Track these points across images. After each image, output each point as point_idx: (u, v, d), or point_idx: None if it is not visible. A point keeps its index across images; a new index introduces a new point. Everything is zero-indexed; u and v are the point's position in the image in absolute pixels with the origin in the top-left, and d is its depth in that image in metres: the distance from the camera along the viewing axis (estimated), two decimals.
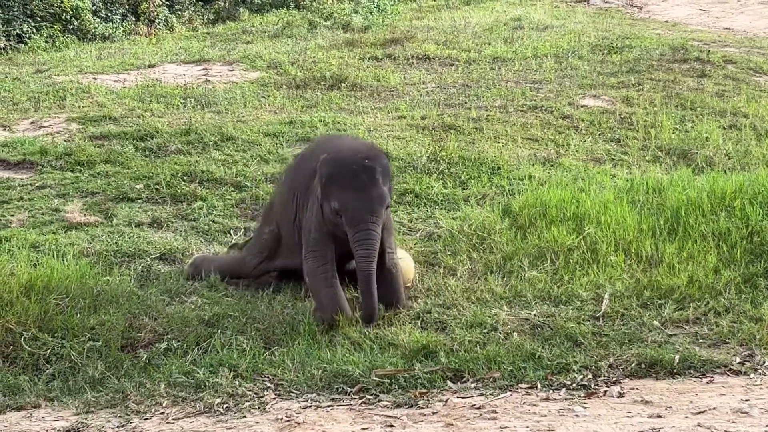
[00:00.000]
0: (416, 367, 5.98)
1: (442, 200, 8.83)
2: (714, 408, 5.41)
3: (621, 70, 13.13)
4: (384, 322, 6.56)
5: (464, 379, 5.93)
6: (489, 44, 14.76)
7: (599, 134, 10.72)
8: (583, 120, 11.06)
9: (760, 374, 5.93)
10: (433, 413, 5.48)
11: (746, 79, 13.12)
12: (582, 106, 11.57)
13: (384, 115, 11.04)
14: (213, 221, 8.48)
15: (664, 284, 6.94)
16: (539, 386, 5.80)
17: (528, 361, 6.05)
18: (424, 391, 5.77)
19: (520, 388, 5.80)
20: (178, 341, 6.46)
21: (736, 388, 5.74)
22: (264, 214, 7.66)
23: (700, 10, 21.27)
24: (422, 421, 5.38)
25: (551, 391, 5.74)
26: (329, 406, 5.67)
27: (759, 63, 14.10)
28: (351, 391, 5.82)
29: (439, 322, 6.63)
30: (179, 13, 19.26)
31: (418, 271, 7.33)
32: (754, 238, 7.50)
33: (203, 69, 13.42)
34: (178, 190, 8.94)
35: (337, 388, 5.85)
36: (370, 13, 17.98)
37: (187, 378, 5.97)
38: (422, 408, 5.56)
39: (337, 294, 6.67)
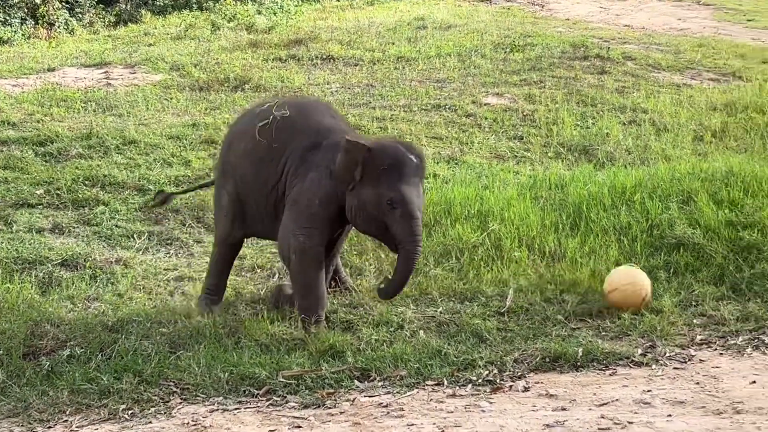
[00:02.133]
0: (323, 367, 5.98)
1: None
2: (617, 399, 5.50)
3: (523, 68, 13.25)
4: (291, 324, 6.53)
5: (371, 378, 5.94)
6: (393, 44, 14.79)
7: (502, 132, 10.82)
8: (486, 118, 11.15)
9: (661, 365, 6.05)
10: (341, 413, 5.49)
11: (645, 76, 13.33)
12: (485, 104, 11.66)
13: None
14: (116, 226, 8.36)
15: (567, 278, 7.04)
16: (446, 383, 5.83)
17: (434, 359, 6.09)
18: (331, 391, 5.77)
19: (427, 385, 5.83)
20: (82, 348, 6.35)
21: (638, 379, 5.84)
22: (220, 172, 7.08)
23: (601, 7, 21.58)
24: (330, 421, 5.38)
25: (458, 388, 5.78)
26: (236, 409, 5.63)
27: (657, 59, 14.33)
28: (258, 394, 5.80)
29: (346, 321, 6.63)
30: (80, 16, 18.95)
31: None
32: (653, 232, 7.65)
33: (104, 72, 13.21)
34: (80, 195, 8.80)
35: (244, 391, 5.82)
36: (274, 14, 17.91)
37: (91, 385, 5.88)
38: (329, 408, 5.56)
39: (324, 286, 6.61)
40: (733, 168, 8.70)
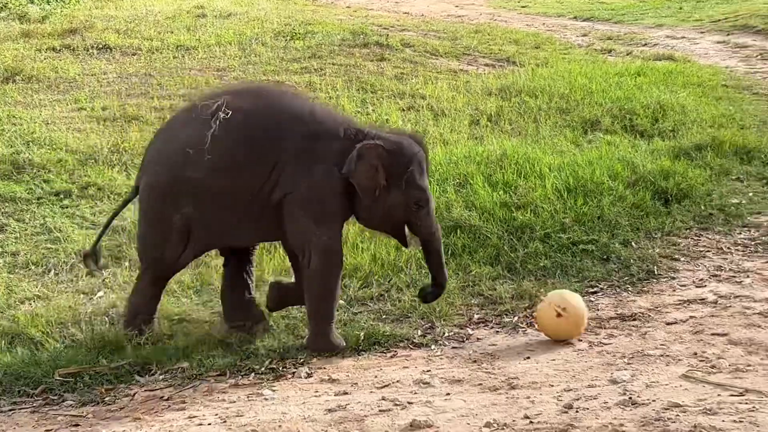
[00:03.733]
0: (102, 363, 5.84)
1: (127, 192, 8.62)
2: (398, 381, 5.60)
3: (304, 56, 13.28)
4: (70, 318, 6.36)
5: (152, 372, 5.85)
6: (172, 33, 14.56)
7: None
8: None
9: (440, 345, 6.18)
10: (120, 408, 5.39)
11: (423, 62, 13.57)
12: None
13: (63, 107, 10.68)
14: None
15: (349, 263, 7.08)
16: (228, 373, 5.79)
17: (217, 349, 6.04)
18: (110, 387, 5.65)
19: (209, 376, 5.78)
20: None
21: (418, 360, 5.96)
22: (164, 195, 6.02)
23: None
24: (109, 418, 5.27)
25: (240, 377, 5.76)
26: (11, 410, 5.46)
27: (435, 46, 14.61)
28: (34, 393, 5.62)
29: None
30: None
31: None
32: None
33: None
34: None
35: (19, 391, 5.64)
36: (48, 2, 17.36)
37: None
38: (109, 404, 5.46)
39: None
40: (507, 151, 8.97)
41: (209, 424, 5.11)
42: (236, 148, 5.91)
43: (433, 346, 6.16)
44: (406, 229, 6.16)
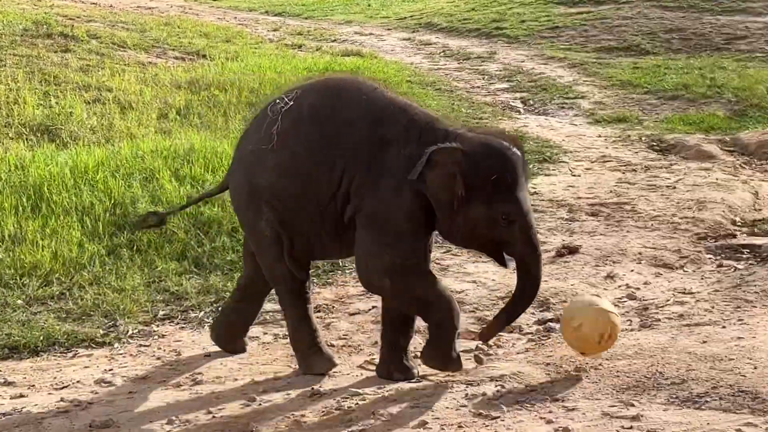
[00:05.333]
0: None
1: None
2: (78, 381, 5.47)
3: None
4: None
5: None
6: None
7: None
8: None
9: (123, 343, 6.08)
10: None
11: (110, 54, 13.27)
12: None
13: None
14: None
15: (28, 262, 6.85)
16: None
17: None
18: None
19: None
20: None
21: (100, 359, 5.83)
22: (244, 202, 5.42)
23: None
24: None
25: None
26: None
27: (123, 38, 14.33)
28: None
29: None
30: None
31: None
32: (117, 210, 7.64)
33: None
34: None
35: None
36: None
37: None
38: None
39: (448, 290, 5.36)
40: (195, 145, 8.90)
41: None
42: (303, 152, 5.18)
43: (116, 345, 6.04)
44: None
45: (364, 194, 5.10)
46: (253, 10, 21.19)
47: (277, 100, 5.35)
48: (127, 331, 6.21)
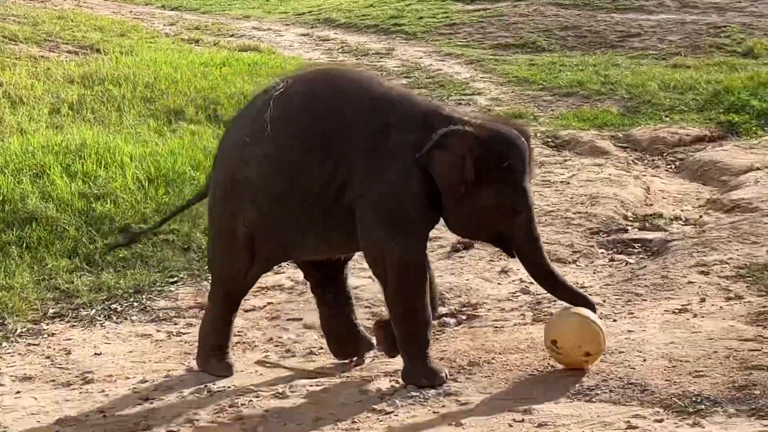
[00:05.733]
0: None
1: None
2: None
3: None
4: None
5: None
6: None
7: None
8: None
9: (12, 342, 5.96)
10: None
11: (1, 48, 12.98)
12: None
13: None
14: None
15: None
16: None
17: None
18: None
19: None
20: None
21: None
22: (224, 196, 5.23)
23: None
24: None
25: None
26: None
27: (14, 31, 13.99)
28: None
29: None
30: None
31: None
32: (6, 207, 7.47)
33: None
34: None
35: None
36: None
37: None
38: None
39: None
40: (87, 140, 8.75)
41: None
42: (292, 142, 5.03)
43: (4, 344, 5.91)
44: None
45: (370, 180, 4.96)
46: (149, 4, 20.92)
47: (265, 91, 5.25)
48: (16, 330, 6.08)
